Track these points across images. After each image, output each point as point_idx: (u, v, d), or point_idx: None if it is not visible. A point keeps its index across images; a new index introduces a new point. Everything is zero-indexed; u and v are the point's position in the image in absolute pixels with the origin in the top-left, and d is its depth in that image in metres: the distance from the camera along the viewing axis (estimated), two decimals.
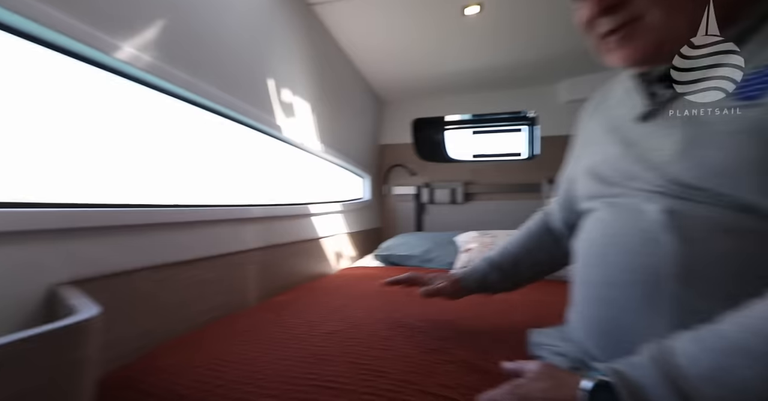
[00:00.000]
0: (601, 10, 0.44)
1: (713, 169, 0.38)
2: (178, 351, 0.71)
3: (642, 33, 0.43)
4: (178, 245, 0.85)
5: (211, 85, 0.95)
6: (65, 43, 0.66)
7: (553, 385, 0.39)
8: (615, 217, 0.48)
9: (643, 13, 0.42)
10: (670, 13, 0.41)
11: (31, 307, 0.56)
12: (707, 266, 0.38)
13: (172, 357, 0.67)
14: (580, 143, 0.65)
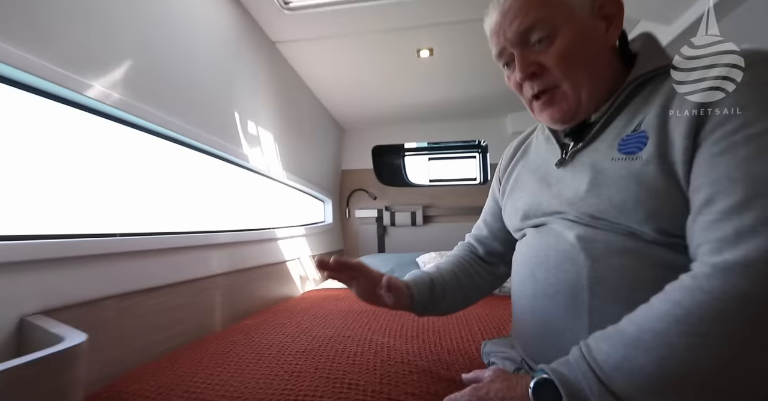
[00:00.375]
0: (523, 78, 0.55)
1: (611, 204, 0.48)
2: (150, 376, 0.71)
3: (560, 98, 0.54)
4: (143, 273, 0.86)
5: (179, 118, 1.00)
6: (39, 84, 0.69)
7: (507, 386, 0.46)
8: (541, 241, 0.58)
9: (558, 83, 0.54)
10: (577, 86, 0.53)
11: (3, 337, 0.56)
12: (609, 278, 0.48)
13: (143, 383, 0.68)
14: (510, 186, 0.71)
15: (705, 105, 0.42)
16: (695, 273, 0.38)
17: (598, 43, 0.53)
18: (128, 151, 0.97)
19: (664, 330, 0.37)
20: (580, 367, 0.40)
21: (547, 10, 0.51)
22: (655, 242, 0.45)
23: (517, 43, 0.54)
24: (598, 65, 0.53)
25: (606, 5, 0.52)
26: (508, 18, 0.53)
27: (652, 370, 0.36)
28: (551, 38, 0.51)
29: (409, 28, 1.46)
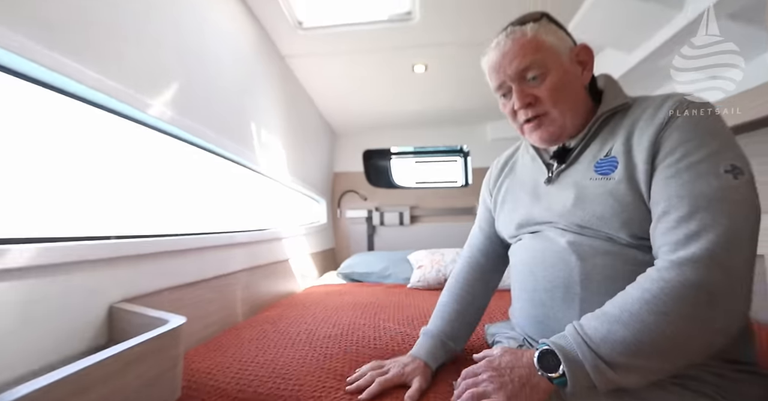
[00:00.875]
0: (521, 106, 0.68)
1: (594, 216, 0.60)
2: (204, 357, 0.84)
3: (548, 123, 0.66)
4: (186, 269, 0.98)
5: (212, 130, 1.11)
6: (109, 103, 0.79)
7: (515, 358, 0.58)
8: (537, 245, 0.71)
9: (547, 110, 0.65)
10: (563, 113, 0.67)
11: (99, 323, 0.67)
12: (595, 275, 0.61)
13: (201, 362, 0.81)
14: (501, 199, 0.82)
15: (657, 139, 0.56)
16: (658, 267, 0.51)
17: (576, 82, 0.66)
18: (166, 160, 1.07)
19: (638, 311, 0.49)
20: (575, 339, 0.52)
21: (540, 54, 0.63)
22: (628, 245, 0.58)
23: (515, 78, 0.65)
24: (577, 99, 0.67)
25: (581, 53, 0.67)
26: (508, 58, 0.65)
27: (629, 340, 0.48)
28: (543, 76, 0.64)
29: (407, 47, 1.62)
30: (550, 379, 0.53)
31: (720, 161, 0.52)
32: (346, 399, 0.68)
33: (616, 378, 0.49)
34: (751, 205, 0.51)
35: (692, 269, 0.47)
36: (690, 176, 0.52)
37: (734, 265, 0.48)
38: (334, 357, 0.84)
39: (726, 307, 0.47)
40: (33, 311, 0.56)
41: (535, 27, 0.64)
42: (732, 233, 0.48)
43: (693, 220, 0.50)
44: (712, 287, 0.47)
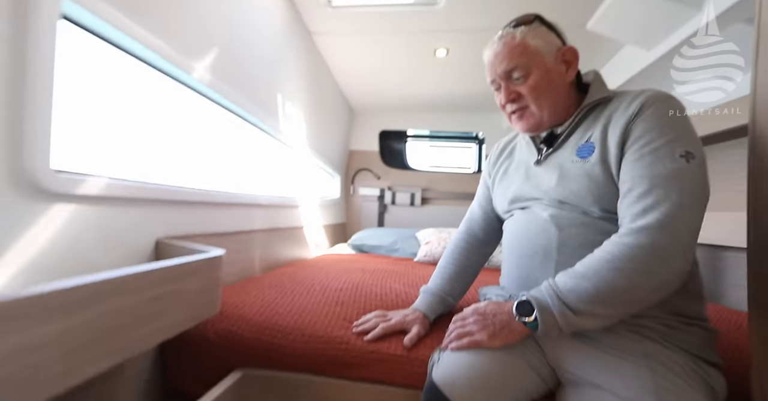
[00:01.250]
0: (506, 101, 0.78)
1: (572, 193, 0.72)
2: (232, 294, 0.96)
3: (528, 115, 0.76)
4: (215, 221, 1.09)
5: (245, 98, 1.20)
6: (161, 64, 0.89)
7: (498, 306, 0.70)
8: (525, 218, 0.81)
9: (527, 105, 0.77)
10: (541, 108, 0.76)
11: (149, 253, 0.79)
12: (570, 243, 0.71)
13: (231, 297, 0.93)
14: (498, 178, 0.91)
15: (627, 128, 0.66)
16: (620, 234, 0.61)
17: (559, 80, 0.74)
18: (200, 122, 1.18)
19: (600, 268, 0.59)
20: (547, 291, 0.64)
21: (525, 57, 0.72)
22: (599, 218, 0.68)
23: (503, 77, 0.75)
24: (558, 95, 0.75)
25: (567, 54, 0.75)
26: (498, 59, 0.75)
27: (591, 291, 0.58)
28: (526, 76, 0.73)
29: (431, 31, 1.67)
30: (525, 323, 0.64)
31: (676, 147, 0.61)
32: (354, 336, 0.79)
33: (578, 321, 0.59)
34: (699, 183, 0.60)
35: (645, 235, 0.58)
36: (651, 159, 0.62)
37: (679, 231, 0.57)
38: (344, 304, 0.95)
39: (669, 264, 0.57)
40: (103, 232, 0.67)
41: (525, 31, 0.73)
42: (679, 206, 0.58)
43: (650, 195, 0.59)
44: (659, 248, 0.57)
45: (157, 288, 0.49)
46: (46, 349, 0.34)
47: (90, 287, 0.38)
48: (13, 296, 0.31)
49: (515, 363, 0.65)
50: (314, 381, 0.75)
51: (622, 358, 0.61)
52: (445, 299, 0.90)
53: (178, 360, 0.80)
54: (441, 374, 0.63)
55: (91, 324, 0.38)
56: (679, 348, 0.62)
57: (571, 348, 0.66)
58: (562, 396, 0.65)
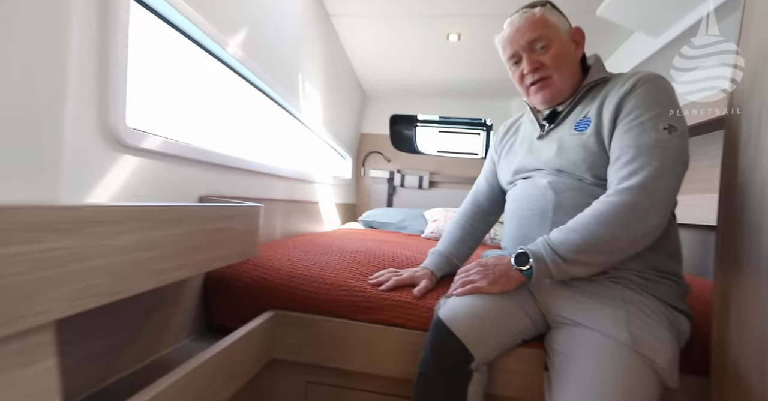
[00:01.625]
0: (530, 70, 0.84)
1: (569, 162, 0.81)
2: (263, 251, 1.07)
3: (551, 84, 0.84)
4: (244, 185, 1.20)
5: (268, 74, 1.30)
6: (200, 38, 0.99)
7: (499, 258, 0.80)
8: (527, 186, 0.90)
9: (550, 74, 0.84)
10: (563, 78, 0.84)
11: None
12: (565, 205, 0.81)
13: (263, 253, 1.04)
14: (504, 153, 1.00)
15: (620, 104, 0.74)
16: (607, 194, 0.70)
17: (572, 55, 0.83)
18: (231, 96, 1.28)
19: (588, 223, 0.68)
20: (542, 243, 0.73)
21: (547, 29, 0.80)
22: (592, 184, 0.77)
23: (526, 48, 0.81)
24: (572, 69, 0.83)
25: (576, 34, 0.83)
26: (521, 32, 0.81)
27: (579, 242, 0.68)
28: (548, 47, 0.80)
29: (444, 15, 1.74)
30: (521, 271, 0.74)
31: (660, 121, 0.70)
32: (369, 285, 0.91)
33: (567, 268, 0.69)
34: (678, 152, 0.68)
35: (627, 194, 0.67)
36: (638, 131, 0.70)
37: (657, 192, 0.66)
38: (360, 262, 1.07)
39: (647, 219, 0.66)
40: (159, 183, 0.79)
41: (542, 10, 0.81)
42: (659, 170, 0.67)
43: (635, 162, 0.68)
44: (639, 205, 0.66)
45: (219, 222, 0.60)
46: (155, 250, 0.45)
47: (182, 209, 0.49)
48: (127, 204, 0.42)
49: (511, 307, 0.76)
50: (335, 322, 0.86)
51: (602, 302, 0.71)
52: (451, 259, 1.00)
53: (219, 300, 0.93)
54: (446, 312, 0.74)
55: (180, 238, 0.50)
56: (653, 296, 0.71)
57: (559, 295, 0.76)
58: (550, 337, 0.75)
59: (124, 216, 0.41)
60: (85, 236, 0.36)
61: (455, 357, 0.69)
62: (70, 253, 0.34)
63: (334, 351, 0.85)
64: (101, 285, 0.38)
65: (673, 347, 0.65)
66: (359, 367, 0.85)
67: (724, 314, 0.66)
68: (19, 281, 0.30)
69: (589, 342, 0.67)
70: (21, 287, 0.30)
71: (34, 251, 0.31)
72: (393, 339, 0.84)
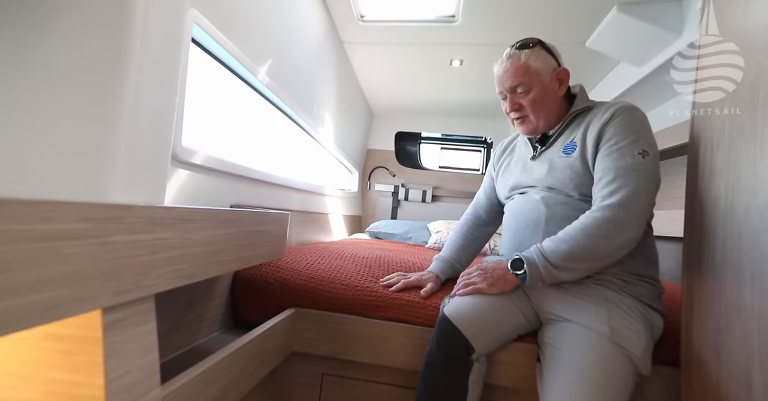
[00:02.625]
0: (511, 110, 0.98)
1: (558, 181, 0.93)
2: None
3: (528, 122, 0.94)
4: (265, 197, 1.32)
5: (291, 97, 1.44)
6: (238, 69, 1.13)
7: (497, 264, 0.91)
8: (522, 200, 1.02)
9: (527, 114, 0.96)
10: (538, 118, 0.96)
11: None
12: (555, 217, 0.92)
13: (284, 257, 1.15)
14: (502, 171, 1.10)
15: (601, 131, 0.85)
16: (591, 210, 0.81)
17: (552, 95, 0.93)
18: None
19: (575, 234, 0.79)
20: (535, 251, 0.84)
21: (527, 77, 0.90)
22: (578, 199, 0.89)
23: (509, 91, 0.93)
24: (551, 106, 0.93)
25: (561, 74, 0.93)
26: (505, 75, 0.92)
27: (567, 251, 0.78)
28: (527, 92, 0.91)
29: (448, 44, 1.90)
30: (516, 275, 0.85)
31: (635, 147, 0.81)
32: (381, 288, 1.01)
33: (556, 273, 0.80)
34: (651, 173, 0.80)
35: (608, 210, 0.78)
36: (617, 155, 0.81)
37: (633, 209, 0.77)
38: (371, 267, 1.17)
39: (625, 232, 0.77)
40: (199, 192, 0.91)
41: (528, 53, 0.91)
42: (635, 190, 0.78)
43: (615, 182, 0.79)
44: (617, 220, 0.77)
45: (259, 226, 0.72)
46: (217, 245, 0.57)
47: (235, 213, 0.61)
48: (204, 208, 0.54)
49: (507, 305, 0.87)
50: (350, 319, 0.96)
51: (587, 301, 0.81)
52: (454, 265, 1.11)
53: (246, 298, 1.03)
54: (450, 309, 0.84)
55: (232, 237, 0.61)
56: (631, 295, 0.82)
57: (550, 295, 0.86)
58: (542, 332, 0.86)
59: (201, 216, 0.52)
60: (179, 231, 0.47)
61: (458, 349, 0.79)
62: (169, 242, 0.46)
63: (348, 345, 0.95)
64: (186, 269, 0.49)
65: (646, 339, 0.75)
66: (371, 359, 0.94)
67: (690, 312, 0.76)
68: (141, 260, 0.41)
69: (575, 335, 0.77)
70: (141, 265, 0.41)
71: (150, 239, 0.42)
72: (402, 334, 0.94)
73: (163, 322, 0.78)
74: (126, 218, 0.38)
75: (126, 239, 0.38)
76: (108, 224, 0.36)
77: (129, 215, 0.38)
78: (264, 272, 1.04)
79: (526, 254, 0.84)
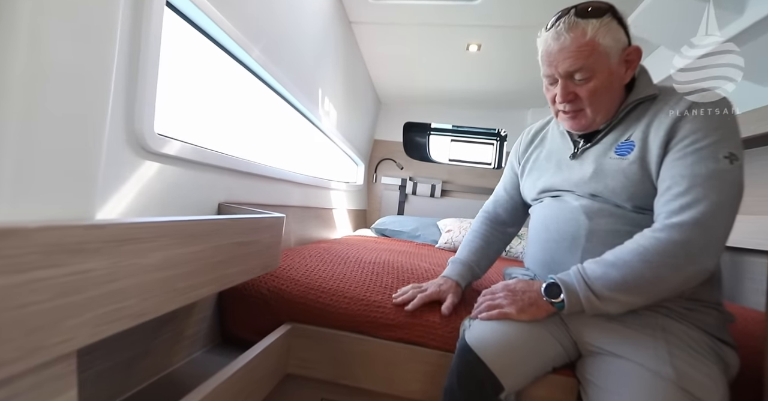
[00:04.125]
0: (562, 100, 0.74)
1: (607, 188, 0.74)
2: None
3: (582, 116, 0.75)
4: (262, 192, 1.18)
5: (290, 80, 1.28)
6: (228, 44, 0.97)
7: (527, 285, 0.75)
8: (556, 205, 0.84)
9: (583, 108, 0.73)
10: (595, 112, 0.76)
11: (212, 214, 0.88)
12: (599, 232, 0.75)
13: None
14: (529, 167, 0.93)
15: (672, 128, 0.67)
16: (653, 228, 0.64)
17: (617, 83, 0.73)
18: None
19: (630, 259, 0.62)
20: (575, 276, 0.68)
21: (592, 58, 0.69)
22: (631, 211, 0.71)
23: (564, 76, 0.72)
24: (613, 97, 0.74)
25: (632, 54, 0.72)
26: (562, 55, 0.70)
27: (618, 280, 0.62)
28: (589, 79, 0.71)
29: (465, 26, 1.72)
30: (552, 303, 0.69)
31: (720, 149, 0.63)
32: (390, 302, 0.87)
33: (601, 306, 0.65)
34: (738, 185, 0.62)
35: (678, 231, 0.61)
36: (693, 159, 0.63)
37: (713, 230, 0.60)
38: (379, 274, 1.03)
39: (698, 260, 0.61)
40: (180, 190, 0.76)
41: (596, 26, 0.68)
42: (717, 205, 0.60)
43: (689, 194, 0.62)
44: (690, 245, 0.60)
45: (244, 236, 0.57)
46: (181, 267, 0.42)
47: (212, 222, 0.46)
48: (158, 219, 0.39)
49: (540, 333, 0.71)
50: (353, 338, 0.83)
51: (640, 331, 0.66)
52: (473, 268, 0.95)
53: (234, 311, 0.90)
54: (474, 337, 0.70)
55: (206, 254, 0.47)
56: (695, 326, 0.66)
57: (592, 323, 0.71)
58: (582, 365, 0.71)
59: (155, 232, 0.38)
60: (115, 256, 0.33)
61: (483, 387, 0.65)
62: (97, 275, 0.31)
63: (351, 369, 0.82)
64: (129, 308, 0.35)
65: (723, 384, 0.60)
66: (377, 386, 0.81)
67: None
68: (41, 309, 0.27)
69: (628, 376, 0.62)
70: (42, 316, 0.27)
71: (57, 275, 0.28)
72: (414, 358, 0.80)
73: (126, 350, 0.65)
74: (1, 250, 0.24)
75: (1, 282, 0.24)
76: None
77: (6, 244, 0.24)
78: (256, 281, 0.91)
79: (564, 278, 0.68)
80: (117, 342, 0.62)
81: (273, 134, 1.48)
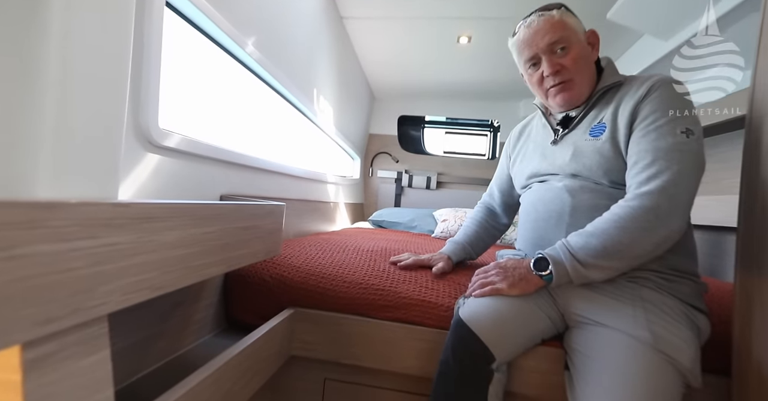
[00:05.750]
0: (550, 72, 0.84)
1: (585, 167, 0.82)
2: None
3: (571, 88, 0.84)
4: (261, 185, 1.21)
5: (285, 75, 1.31)
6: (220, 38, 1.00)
7: (517, 262, 0.81)
8: (542, 189, 0.91)
9: (572, 77, 0.84)
10: (582, 81, 0.84)
11: None
12: (581, 207, 0.81)
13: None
14: (519, 159, 1.00)
15: (635, 109, 0.75)
16: (626, 199, 0.70)
17: (590, 57, 0.83)
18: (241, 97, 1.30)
19: (607, 228, 0.69)
20: (561, 248, 0.74)
21: (566, 31, 0.80)
22: (608, 186, 0.78)
23: (546, 50, 0.81)
24: (590, 71, 0.83)
25: (591, 36, 0.84)
26: (540, 34, 0.80)
27: (598, 247, 0.68)
28: (568, 50, 0.80)
29: (455, 18, 1.75)
30: (540, 276, 0.75)
31: (677, 125, 0.70)
32: (388, 283, 0.91)
33: (586, 273, 0.70)
34: (696, 155, 0.69)
35: (648, 198, 0.67)
36: (655, 135, 0.71)
37: (678, 195, 0.67)
38: (377, 261, 1.07)
39: (667, 223, 0.67)
40: (185, 182, 0.80)
41: (560, 12, 0.81)
42: (679, 173, 0.67)
43: (653, 166, 0.69)
44: (659, 209, 0.66)
45: (247, 221, 0.62)
46: (195, 246, 0.47)
47: (218, 207, 0.50)
48: (172, 201, 0.43)
49: (530, 307, 0.77)
50: (353, 320, 0.87)
51: (621, 301, 0.72)
52: (466, 247, 1.05)
53: (239, 297, 0.94)
54: (467, 313, 0.75)
55: (215, 235, 0.51)
56: (671, 294, 0.72)
57: (578, 295, 0.76)
58: (569, 336, 0.76)
59: (170, 213, 0.42)
60: (138, 232, 0.37)
61: (476, 358, 0.70)
62: (124, 248, 0.36)
63: (352, 348, 0.87)
64: (151, 280, 0.39)
65: (695, 346, 0.65)
66: (377, 364, 0.86)
67: (746, 315, 0.66)
68: (80, 275, 0.31)
69: (610, 341, 0.67)
70: (81, 281, 0.31)
71: (93, 246, 0.32)
72: (411, 336, 0.85)
73: (141, 331, 0.69)
74: (49, 221, 0.28)
75: (50, 249, 0.28)
76: (15, 230, 0.25)
77: (53, 216, 0.28)
78: (259, 268, 0.95)
79: (550, 252, 0.74)
80: (132, 323, 0.66)
81: (271, 129, 1.52)
